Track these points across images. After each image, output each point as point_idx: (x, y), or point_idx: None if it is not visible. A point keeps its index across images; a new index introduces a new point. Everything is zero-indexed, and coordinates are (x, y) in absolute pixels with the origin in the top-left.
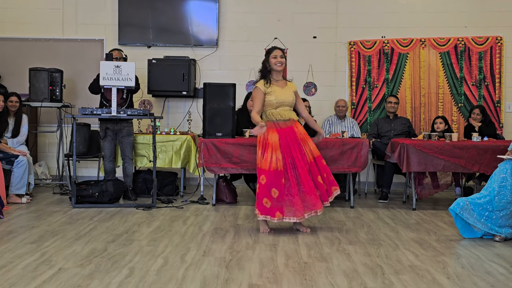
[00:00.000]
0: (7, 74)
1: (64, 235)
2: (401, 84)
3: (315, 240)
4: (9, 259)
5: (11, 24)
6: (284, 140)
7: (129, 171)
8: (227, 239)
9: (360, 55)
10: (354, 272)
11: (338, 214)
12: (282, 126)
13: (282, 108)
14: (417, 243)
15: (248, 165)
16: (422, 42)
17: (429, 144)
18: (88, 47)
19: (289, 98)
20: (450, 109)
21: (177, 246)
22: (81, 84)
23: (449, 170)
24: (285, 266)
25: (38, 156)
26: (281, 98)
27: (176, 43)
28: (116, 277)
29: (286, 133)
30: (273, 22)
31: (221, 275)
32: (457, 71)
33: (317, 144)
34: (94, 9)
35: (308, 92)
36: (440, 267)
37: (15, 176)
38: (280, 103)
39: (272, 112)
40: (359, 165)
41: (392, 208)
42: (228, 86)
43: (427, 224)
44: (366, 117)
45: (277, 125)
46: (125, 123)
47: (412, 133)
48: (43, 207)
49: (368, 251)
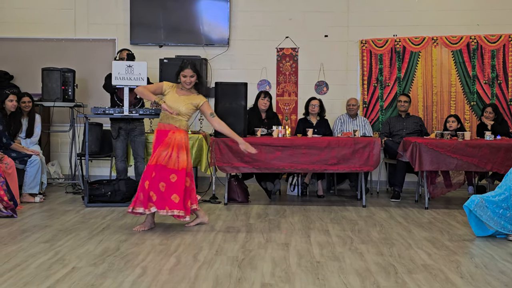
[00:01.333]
0: (20, 74)
1: (77, 234)
2: (413, 83)
3: (327, 239)
4: (23, 258)
5: (24, 25)
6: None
7: (141, 171)
8: (239, 238)
9: (371, 54)
10: (367, 271)
11: (350, 213)
12: (161, 128)
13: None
14: (430, 242)
15: (260, 164)
16: (434, 41)
17: (442, 143)
18: (100, 47)
19: (178, 106)
20: (462, 108)
21: (189, 245)
22: (93, 83)
23: (461, 169)
24: (297, 265)
25: (51, 155)
26: (169, 103)
27: (188, 43)
28: (129, 276)
29: (162, 134)
30: (285, 21)
31: (233, 274)
32: (470, 69)
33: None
34: (106, 9)
35: (320, 91)
36: (453, 267)
37: (28, 176)
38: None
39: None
40: (371, 164)
41: (405, 207)
42: (240, 85)
43: (440, 223)
44: (378, 115)
45: (161, 125)
46: (137, 122)
47: (424, 131)
48: (56, 206)
49: (381, 250)
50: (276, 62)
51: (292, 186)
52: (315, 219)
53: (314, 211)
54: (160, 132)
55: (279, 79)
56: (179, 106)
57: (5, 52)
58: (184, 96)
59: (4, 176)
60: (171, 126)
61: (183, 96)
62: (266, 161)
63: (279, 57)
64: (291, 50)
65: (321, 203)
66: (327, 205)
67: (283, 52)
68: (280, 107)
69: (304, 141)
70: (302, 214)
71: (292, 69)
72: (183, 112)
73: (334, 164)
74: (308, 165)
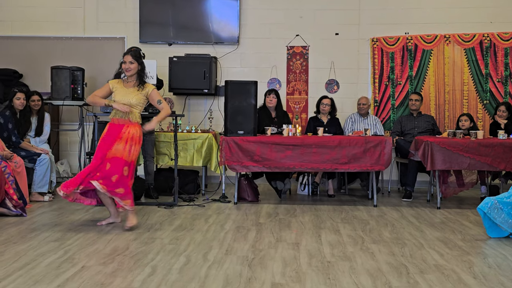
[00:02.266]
0: (29, 73)
1: (86, 233)
2: (425, 81)
3: (338, 239)
4: (33, 257)
5: (33, 23)
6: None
7: (150, 169)
8: (249, 238)
9: (383, 52)
10: (378, 272)
11: (361, 213)
12: (115, 122)
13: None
14: (442, 242)
15: (270, 163)
16: (447, 38)
17: (454, 142)
18: (109, 45)
19: (129, 99)
20: (475, 106)
21: (199, 244)
22: (103, 82)
23: (474, 169)
24: (308, 265)
25: (60, 154)
26: (118, 98)
27: (197, 41)
28: (138, 275)
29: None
30: (295, 19)
31: (244, 273)
32: (483, 67)
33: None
34: (115, 7)
35: (330, 89)
36: (466, 267)
37: (37, 175)
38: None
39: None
40: (382, 163)
41: (416, 207)
42: (250, 84)
43: (452, 223)
44: (389, 114)
45: (114, 120)
46: (147, 121)
47: (436, 130)
48: (65, 205)
49: (392, 250)
50: (286, 60)
51: (303, 186)
52: (326, 219)
53: (324, 210)
54: (113, 126)
55: (290, 77)
56: (129, 98)
57: (14, 50)
58: (132, 88)
59: (13, 175)
60: (125, 120)
61: (131, 88)
62: (276, 160)
63: (289, 55)
64: (302, 48)
65: (331, 202)
66: (338, 204)
67: (293, 50)
68: (291, 106)
69: (314, 140)
70: (312, 213)
71: (302, 67)
72: (134, 103)
73: (345, 163)
74: (319, 164)
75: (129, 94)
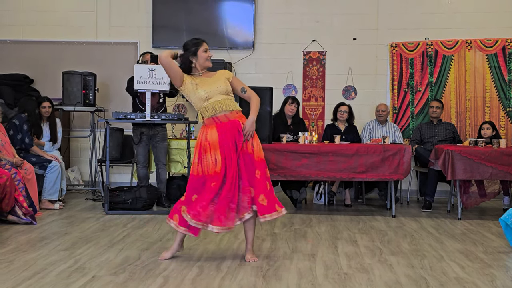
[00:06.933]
0: (40, 78)
1: (97, 242)
2: (445, 88)
3: (355, 250)
4: (43, 266)
5: (44, 27)
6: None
7: (162, 177)
8: (263, 248)
9: (402, 58)
10: (397, 284)
11: (379, 223)
12: (222, 121)
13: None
14: (463, 255)
15: (286, 172)
16: (468, 44)
17: (476, 151)
18: (121, 50)
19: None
20: (497, 114)
21: (212, 254)
22: (115, 87)
23: (497, 178)
24: (324, 276)
25: (71, 161)
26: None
27: (211, 46)
28: (150, 286)
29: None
30: (311, 24)
31: (258, 285)
32: (505, 74)
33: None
34: (128, 11)
35: (348, 96)
36: (488, 280)
37: (47, 182)
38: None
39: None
40: (401, 172)
41: (436, 218)
42: (265, 90)
43: (474, 235)
44: (409, 122)
45: (215, 119)
46: (160, 127)
47: (457, 139)
48: (75, 213)
49: (411, 262)
50: (302, 66)
51: (319, 195)
52: (343, 229)
53: (341, 220)
54: (223, 127)
55: (306, 83)
56: (220, 86)
57: (25, 55)
58: (211, 78)
59: (23, 182)
60: (232, 114)
61: (212, 77)
62: (292, 169)
63: (305, 61)
64: (318, 54)
65: (348, 212)
66: (355, 214)
67: (309, 56)
68: (307, 113)
69: (331, 148)
70: (329, 223)
71: (319, 73)
72: (229, 89)
73: (362, 172)
74: (336, 172)
75: (215, 82)
